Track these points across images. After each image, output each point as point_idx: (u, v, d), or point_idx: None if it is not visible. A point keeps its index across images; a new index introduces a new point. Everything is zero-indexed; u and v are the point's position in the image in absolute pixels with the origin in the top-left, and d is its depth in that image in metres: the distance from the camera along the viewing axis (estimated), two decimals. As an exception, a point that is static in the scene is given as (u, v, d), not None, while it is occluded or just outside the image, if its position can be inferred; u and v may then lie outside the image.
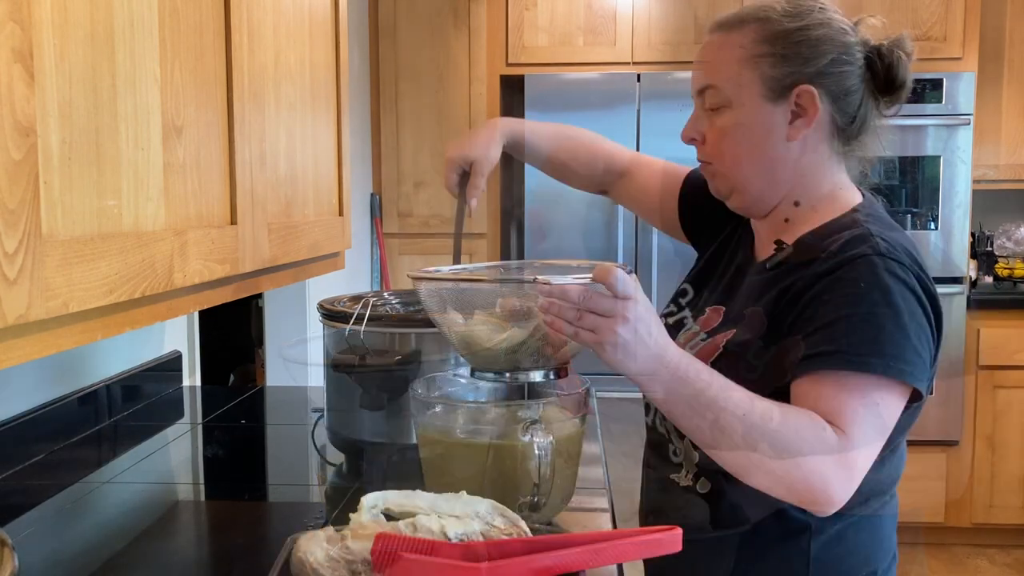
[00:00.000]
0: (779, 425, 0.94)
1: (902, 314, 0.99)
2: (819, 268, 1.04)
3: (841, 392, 0.96)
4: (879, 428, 0.98)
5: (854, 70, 1.09)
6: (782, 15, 1.09)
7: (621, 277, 0.92)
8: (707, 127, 1.13)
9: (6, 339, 0.69)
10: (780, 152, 1.10)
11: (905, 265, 1.01)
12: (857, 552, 1.10)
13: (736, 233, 1.27)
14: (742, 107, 1.09)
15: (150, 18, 0.90)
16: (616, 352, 0.93)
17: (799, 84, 1.07)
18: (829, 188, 1.13)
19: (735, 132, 1.11)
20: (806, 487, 0.94)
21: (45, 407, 1.56)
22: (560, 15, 3.57)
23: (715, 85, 1.11)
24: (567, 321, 0.94)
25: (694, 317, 1.21)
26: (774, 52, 1.08)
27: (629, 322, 0.92)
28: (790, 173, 1.12)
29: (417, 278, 1.07)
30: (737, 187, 1.14)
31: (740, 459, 0.96)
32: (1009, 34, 3.59)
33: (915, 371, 0.98)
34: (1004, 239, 3.90)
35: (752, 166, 1.12)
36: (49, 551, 1.14)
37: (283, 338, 2.94)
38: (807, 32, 1.08)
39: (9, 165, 0.66)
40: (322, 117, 1.52)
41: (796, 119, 1.09)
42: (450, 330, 1.08)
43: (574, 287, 0.94)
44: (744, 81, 1.09)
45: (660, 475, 1.20)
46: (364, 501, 0.91)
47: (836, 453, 0.94)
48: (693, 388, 0.95)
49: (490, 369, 1.07)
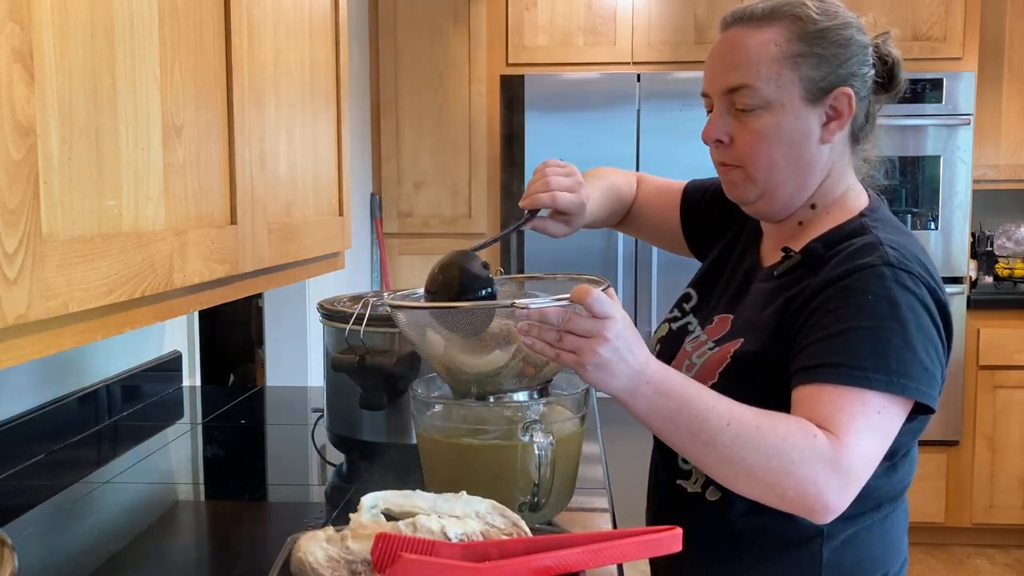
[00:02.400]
0: (767, 433, 0.92)
1: (909, 327, 0.97)
2: (827, 276, 1.02)
3: (839, 400, 0.95)
4: (878, 436, 0.96)
5: (870, 71, 1.08)
6: (818, 13, 1.05)
7: (598, 297, 0.92)
8: (736, 129, 1.08)
9: (6, 339, 0.69)
10: (814, 156, 1.08)
11: (915, 275, 0.99)
12: (870, 557, 1.08)
13: (742, 235, 1.25)
14: (782, 109, 1.05)
15: (150, 18, 0.90)
16: (597, 372, 0.92)
17: (836, 86, 1.05)
18: (843, 190, 1.12)
19: (775, 135, 1.06)
20: (798, 495, 0.92)
21: (45, 407, 1.56)
22: (560, 15, 3.57)
23: (751, 85, 1.05)
24: (547, 343, 0.94)
25: (701, 325, 1.20)
26: (813, 52, 1.04)
27: (609, 342, 0.91)
28: (818, 177, 1.09)
29: (394, 307, 1.07)
30: (768, 191, 1.10)
31: (727, 469, 0.94)
32: (1009, 34, 3.59)
33: (920, 386, 0.97)
34: (1004, 239, 3.90)
35: (787, 171, 1.08)
36: (49, 551, 1.14)
37: (283, 338, 2.95)
38: (840, 32, 1.05)
39: (9, 165, 0.66)
40: (322, 117, 1.52)
41: (831, 121, 1.06)
42: (430, 355, 1.08)
43: (553, 309, 0.94)
44: (784, 82, 1.04)
45: (667, 481, 1.18)
46: (364, 501, 0.91)
47: (828, 459, 0.91)
48: (676, 402, 0.94)
49: (472, 393, 1.08)
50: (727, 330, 1.13)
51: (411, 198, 3.66)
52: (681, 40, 3.53)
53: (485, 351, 1.04)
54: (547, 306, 0.95)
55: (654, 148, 3.35)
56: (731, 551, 1.10)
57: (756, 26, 1.06)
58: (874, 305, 0.97)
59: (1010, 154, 3.66)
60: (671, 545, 0.81)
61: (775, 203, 1.11)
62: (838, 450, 0.92)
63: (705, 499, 1.11)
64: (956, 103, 3.43)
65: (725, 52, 1.08)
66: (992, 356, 3.51)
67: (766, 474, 0.92)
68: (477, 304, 1.05)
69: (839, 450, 0.92)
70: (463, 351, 1.05)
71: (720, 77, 1.08)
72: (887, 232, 1.05)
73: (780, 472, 0.92)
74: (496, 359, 1.03)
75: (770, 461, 0.92)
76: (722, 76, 1.08)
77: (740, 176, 1.10)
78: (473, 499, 0.93)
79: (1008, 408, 3.53)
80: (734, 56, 1.07)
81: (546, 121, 3.40)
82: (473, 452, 1.11)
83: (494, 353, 1.03)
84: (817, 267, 1.05)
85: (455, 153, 3.62)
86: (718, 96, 1.09)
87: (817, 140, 1.07)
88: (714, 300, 1.22)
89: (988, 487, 3.56)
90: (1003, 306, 3.53)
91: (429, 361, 1.09)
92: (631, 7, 3.54)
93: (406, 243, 3.68)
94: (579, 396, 1.17)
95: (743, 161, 1.09)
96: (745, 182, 1.10)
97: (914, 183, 3.49)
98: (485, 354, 1.04)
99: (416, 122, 3.62)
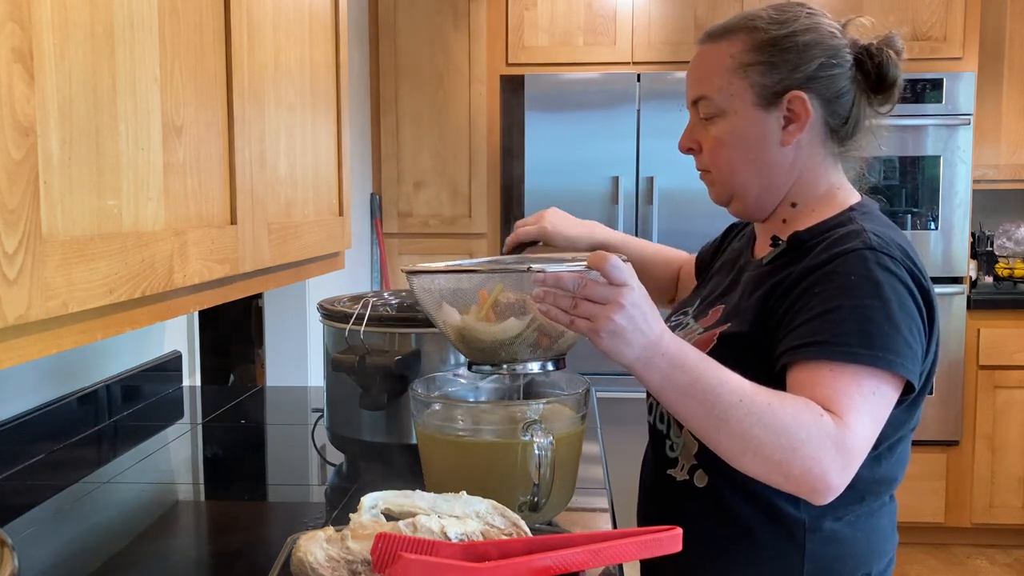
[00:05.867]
0: (777, 411, 0.93)
1: (892, 306, 0.99)
2: (812, 262, 1.05)
3: (836, 380, 0.97)
4: (875, 416, 0.98)
5: (844, 72, 1.11)
6: (768, 23, 1.11)
7: (615, 263, 0.92)
8: (703, 136, 1.16)
9: (6, 339, 0.69)
10: (775, 157, 1.12)
11: (896, 259, 1.02)
12: (852, 553, 1.09)
13: (739, 244, 1.30)
14: (735, 115, 1.11)
15: (150, 18, 0.90)
16: (612, 340, 0.92)
17: (790, 90, 1.09)
18: (826, 188, 1.15)
19: (730, 140, 1.13)
20: (803, 472, 0.93)
21: (45, 407, 1.56)
22: (560, 15, 3.57)
23: (707, 95, 1.13)
24: (562, 310, 0.94)
25: (695, 318, 1.22)
26: (763, 60, 1.10)
27: (625, 309, 0.91)
28: (786, 177, 1.14)
29: (410, 272, 1.07)
30: (736, 193, 1.16)
31: (736, 445, 0.95)
32: (1009, 34, 3.59)
33: (905, 362, 0.99)
34: (1004, 239, 3.90)
35: (748, 173, 1.14)
36: (49, 551, 1.14)
37: (283, 338, 2.95)
38: (794, 38, 1.10)
39: (9, 165, 0.66)
40: (322, 117, 1.52)
41: (789, 124, 1.11)
42: (445, 324, 1.08)
43: (569, 275, 0.94)
44: (735, 90, 1.11)
45: (657, 471, 1.21)
46: (364, 501, 0.91)
47: (834, 438, 0.93)
48: (689, 375, 0.95)
49: (487, 361, 1.07)
50: (717, 318, 1.16)
51: (411, 198, 3.66)
52: (681, 40, 3.53)
53: (500, 319, 1.04)
54: (563, 271, 0.94)
55: (654, 148, 3.35)
56: (716, 539, 1.12)
57: (716, 41, 1.14)
58: (857, 285, 1.00)
59: (1010, 154, 3.66)
60: (671, 545, 0.81)
61: (746, 203, 1.17)
62: (842, 430, 0.94)
63: (693, 486, 1.13)
64: (956, 103, 3.43)
65: (693, 67, 1.17)
66: (992, 356, 3.51)
67: (774, 451, 0.93)
68: (493, 269, 1.06)
69: (843, 430, 0.94)
70: (478, 318, 1.05)
71: (688, 90, 1.18)
72: (872, 223, 1.08)
73: (788, 449, 0.93)
74: (511, 327, 1.02)
75: (779, 438, 0.93)
76: (689, 89, 1.17)
77: (709, 180, 1.19)
78: (473, 499, 0.93)
79: (1008, 408, 3.53)
80: (697, 71, 1.16)
81: (546, 121, 3.40)
82: (473, 452, 1.11)
83: (508, 321, 1.02)
84: (803, 254, 1.08)
85: (455, 153, 3.62)
86: (690, 108, 1.18)
87: (777, 142, 1.12)
88: (709, 297, 1.25)
89: (988, 487, 3.56)
90: (1003, 306, 3.53)
91: (443, 329, 1.09)
92: (631, 7, 3.54)
93: (406, 243, 3.69)
94: (579, 396, 1.17)
95: (709, 166, 1.17)
96: (714, 185, 1.19)
97: (914, 183, 3.49)
98: (500, 322, 1.04)
99: (416, 122, 3.62)
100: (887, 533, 1.13)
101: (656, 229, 3.35)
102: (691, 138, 1.18)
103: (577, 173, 3.39)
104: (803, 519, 1.07)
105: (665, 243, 1.56)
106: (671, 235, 3.30)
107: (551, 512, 1.15)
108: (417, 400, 1.17)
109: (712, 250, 1.39)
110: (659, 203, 3.35)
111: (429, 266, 1.08)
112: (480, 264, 1.23)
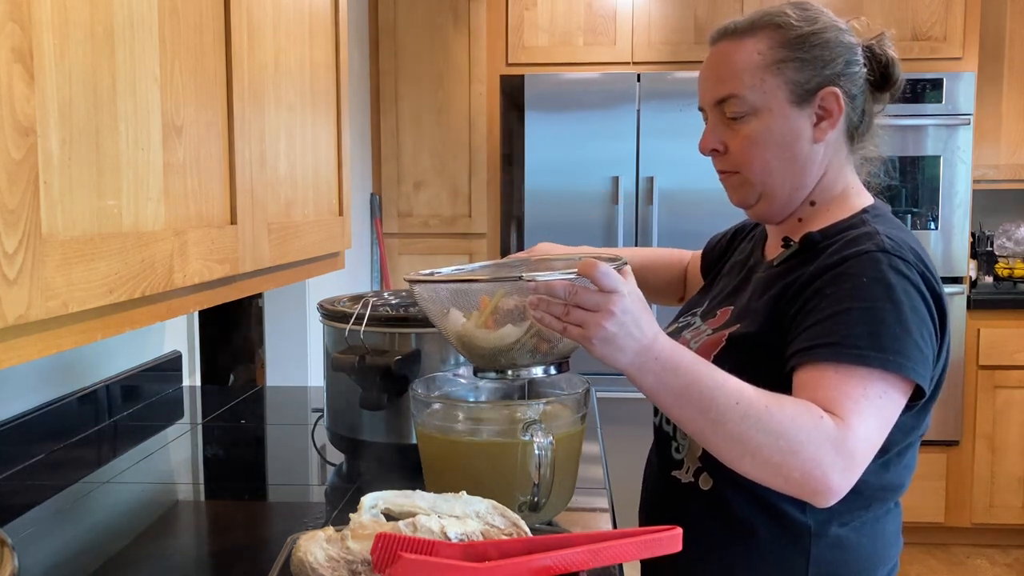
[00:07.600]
0: (775, 413, 0.93)
1: (904, 309, 0.99)
2: (823, 263, 1.04)
3: (841, 382, 0.96)
4: (882, 419, 0.97)
5: (861, 70, 1.11)
6: (797, 20, 1.10)
7: (605, 271, 0.92)
8: (729, 136, 1.13)
9: (6, 339, 0.69)
10: (808, 155, 1.11)
11: (909, 262, 1.02)
12: (856, 558, 1.09)
13: (748, 245, 1.29)
14: (769, 113, 1.09)
15: (150, 18, 0.90)
16: (604, 346, 0.92)
17: (823, 87, 1.09)
18: (841, 188, 1.15)
19: (764, 139, 1.10)
20: (803, 475, 0.93)
21: (45, 407, 1.56)
22: (560, 15, 3.57)
23: (737, 94, 1.10)
24: (555, 317, 0.94)
25: (703, 318, 1.22)
26: (795, 56, 1.08)
27: (615, 316, 0.91)
28: (815, 175, 1.13)
29: (412, 280, 1.07)
30: (765, 192, 1.14)
31: (734, 448, 0.95)
32: (1009, 34, 3.59)
33: (916, 366, 0.98)
34: (1004, 239, 3.90)
35: (782, 171, 1.12)
36: (49, 551, 1.14)
37: (283, 338, 2.95)
38: (823, 35, 1.09)
39: (9, 165, 0.66)
40: (322, 117, 1.52)
41: (821, 121, 1.10)
42: (447, 331, 1.08)
43: (559, 283, 0.94)
44: (768, 87, 1.09)
45: (661, 472, 1.21)
46: (364, 501, 0.91)
47: (834, 440, 0.92)
48: (684, 379, 0.94)
49: (489, 367, 1.07)
50: (726, 319, 1.15)
51: (411, 198, 3.66)
52: (681, 40, 3.53)
53: (498, 326, 1.04)
54: (554, 279, 0.95)
55: (654, 148, 3.35)
56: (721, 543, 1.12)
57: (740, 38, 1.11)
58: (868, 287, 1.00)
59: (1010, 154, 3.66)
60: (671, 545, 0.81)
61: (774, 203, 1.14)
62: (843, 432, 0.93)
63: (698, 489, 1.13)
64: (956, 103, 3.43)
65: (713, 66, 1.14)
66: (992, 356, 3.51)
67: (772, 454, 0.93)
68: (489, 279, 1.07)
69: (844, 432, 0.93)
70: (477, 325, 1.05)
71: (710, 90, 1.14)
72: (885, 226, 1.08)
73: (787, 452, 0.92)
74: (508, 334, 1.03)
75: (777, 441, 0.92)
76: (712, 89, 1.13)
77: (738, 181, 1.15)
78: (473, 499, 0.93)
79: (1008, 408, 3.53)
80: (720, 69, 1.12)
81: (546, 121, 3.41)
82: (473, 452, 1.11)
83: (506, 328, 1.03)
84: (815, 255, 1.08)
85: (455, 153, 3.62)
86: (710, 108, 1.14)
87: (809, 139, 1.10)
88: (718, 298, 1.24)
89: (988, 487, 3.56)
90: (1003, 306, 3.53)
91: (446, 335, 1.09)
92: (631, 7, 3.54)
93: (406, 243, 3.69)
94: (579, 396, 1.17)
95: (739, 166, 1.13)
96: (743, 186, 1.15)
97: (914, 183, 3.49)
98: (498, 328, 1.04)
99: (416, 122, 3.62)
100: (892, 539, 1.13)
101: (656, 229, 3.35)
102: (716, 139, 1.14)
103: (577, 173, 3.39)
104: (808, 524, 1.06)
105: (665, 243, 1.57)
106: (671, 235, 3.30)
107: (551, 512, 1.15)
108: (417, 400, 1.17)
109: (721, 248, 1.38)
110: (659, 203, 3.34)
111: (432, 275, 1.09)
112: (481, 272, 1.24)
